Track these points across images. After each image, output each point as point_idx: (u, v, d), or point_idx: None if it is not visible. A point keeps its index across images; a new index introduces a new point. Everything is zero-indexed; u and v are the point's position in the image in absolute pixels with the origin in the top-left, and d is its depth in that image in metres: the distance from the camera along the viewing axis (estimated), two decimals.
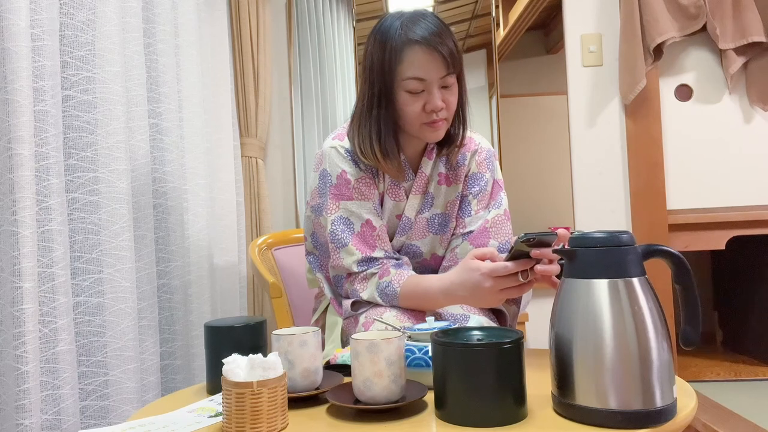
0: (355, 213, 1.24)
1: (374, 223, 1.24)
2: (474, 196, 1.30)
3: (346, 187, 1.25)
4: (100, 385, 1.17)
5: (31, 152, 0.99)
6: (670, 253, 0.80)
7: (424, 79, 1.16)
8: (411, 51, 1.16)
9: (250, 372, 0.79)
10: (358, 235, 1.24)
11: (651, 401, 0.72)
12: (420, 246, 1.31)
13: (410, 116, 1.20)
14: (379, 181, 1.28)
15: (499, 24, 2.57)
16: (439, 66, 1.16)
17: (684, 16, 2.32)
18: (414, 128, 1.22)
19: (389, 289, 1.19)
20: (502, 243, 1.27)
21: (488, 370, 0.75)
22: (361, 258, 1.22)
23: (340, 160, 1.25)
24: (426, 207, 1.30)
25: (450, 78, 1.18)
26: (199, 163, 1.63)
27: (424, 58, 1.16)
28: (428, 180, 1.30)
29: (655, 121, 2.40)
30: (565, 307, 0.78)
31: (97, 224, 1.19)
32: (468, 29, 2.63)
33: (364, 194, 1.25)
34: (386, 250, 1.25)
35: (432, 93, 1.17)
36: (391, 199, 1.28)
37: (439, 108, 1.18)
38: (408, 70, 1.17)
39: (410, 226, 1.30)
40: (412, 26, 1.17)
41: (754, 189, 2.39)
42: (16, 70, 0.97)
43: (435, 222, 1.30)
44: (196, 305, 1.56)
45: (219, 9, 1.98)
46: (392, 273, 1.21)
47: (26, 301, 0.96)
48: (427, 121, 1.19)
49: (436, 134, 1.22)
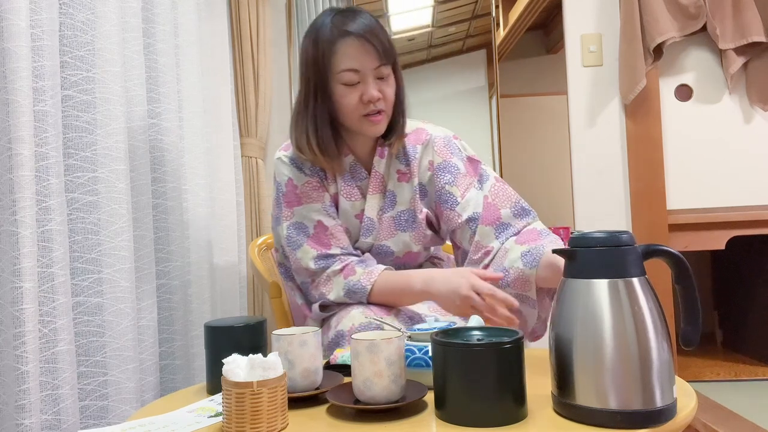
0: (307, 216, 1.27)
1: (326, 222, 1.27)
2: (451, 185, 1.29)
3: (294, 193, 1.28)
4: (100, 385, 1.17)
5: (31, 152, 0.99)
6: (670, 253, 0.80)
7: (358, 70, 1.18)
8: (343, 43, 1.19)
9: (250, 372, 0.79)
10: (312, 236, 1.27)
11: (651, 401, 0.72)
12: (390, 245, 1.31)
13: (348, 108, 1.21)
14: (329, 183, 1.30)
15: (499, 24, 2.57)
16: (372, 57, 1.18)
17: (684, 16, 2.32)
18: (353, 122, 1.23)
19: (357, 286, 1.21)
20: (512, 206, 1.26)
21: (488, 370, 0.75)
22: (316, 255, 1.25)
23: (285, 168, 1.29)
24: (389, 206, 1.31)
25: (384, 69, 1.21)
26: (199, 163, 1.63)
27: (357, 50, 1.18)
28: (385, 179, 1.31)
29: (655, 121, 2.40)
30: (565, 307, 0.78)
31: (96, 224, 1.19)
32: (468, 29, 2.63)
33: (311, 197, 1.28)
34: (342, 247, 1.27)
35: (367, 83, 1.19)
36: (346, 200, 1.30)
37: (375, 98, 1.20)
38: (342, 62, 1.19)
39: (374, 226, 1.30)
40: (344, 20, 1.19)
41: (754, 189, 2.38)
42: (16, 70, 0.97)
43: (402, 219, 1.31)
44: (195, 305, 1.56)
45: (219, 9, 1.98)
46: (359, 272, 1.23)
47: (26, 301, 0.96)
48: (365, 113, 1.21)
49: (375, 128, 1.23)
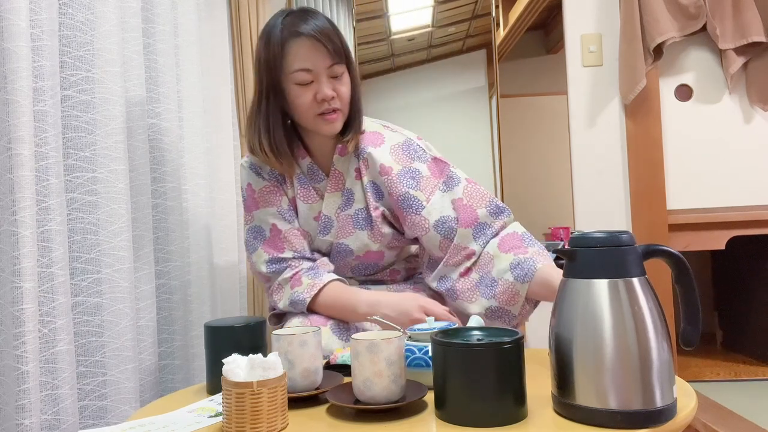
0: (264, 220, 1.29)
1: (279, 226, 1.28)
2: (414, 189, 1.26)
3: (252, 198, 1.30)
4: (99, 385, 1.17)
5: (31, 152, 0.99)
6: (670, 253, 0.80)
7: (310, 70, 1.18)
8: (294, 44, 1.19)
9: (250, 372, 0.79)
10: (267, 240, 1.28)
11: (651, 401, 0.72)
12: (349, 244, 1.30)
13: (302, 108, 1.21)
14: (288, 187, 1.31)
15: (499, 24, 2.57)
16: (323, 55, 1.18)
17: (684, 16, 2.32)
18: (309, 121, 1.23)
19: (299, 298, 1.23)
20: (488, 206, 1.25)
21: (488, 370, 0.75)
22: (268, 258, 1.27)
23: (245, 174, 1.32)
24: (347, 204, 1.30)
25: (338, 67, 1.20)
26: (199, 163, 1.63)
27: (308, 50, 1.18)
28: (344, 177, 1.31)
29: (655, 121, 2.40)
30: (565, 307, 0.78)
31: (95, 224, 1.19)
32: (468, 29, 2.63)
33: (268, 201, 1.29)
34: (295, 251, 1.28)
35: (321, 82, 1.19)
36: (303, 203, 1.30)
37: (329, 96, 1.19)
38: (294, 62, 1.19)
39: (331, 224, 1.30)
40: (294, 21, 1.19)
41: (754, 189, 2.38)
42: (16, 70, 0.97)
43: (359, 218, 1.30)
44: (195, 305, 1.56)
45: (219, 9, 1.98)
46: (304, 283, 1.24)
47: (26, 301, 0.96)
48: (320, 112, 1.21)
49: (331, 126, 1.23)
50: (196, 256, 1.59)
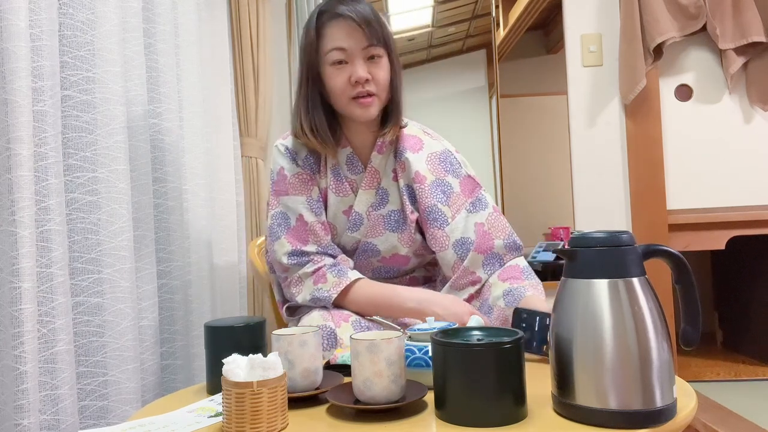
0: (291, 208, 1.26)
1: (306, 218, 1.25)
2: (443, 204, 1.25)
3: (283, 182, 1.27)
4: (99, 385, 1.17)
5: (30, 152, 0.99)
6: (670, 253, 0.80)
7: (345, 49, 1.17)
8: (329, 25, 1.19)
9: (250, 372, 0.78)
10: (292, 229, 1.25)
11: (651, 401, 0.72)
12: (377, 244, 1.29)
13: (336, 90, 1.20)
14: (321, 177, 1.28)
15: (499, 24, 2.57)
16: (359, 36, 1.17)
17: (684, 16, 2.32)
18: (343, 105, 1.21)
19: (322, 294, 1.20)
20: (506, 238, 1.25)
21: (488, 370, 0.75)
22: (290, 250, 1.23)
23: (279, 157, 1.28)
24: (380, 203, 1.28)
25: (375, 50, 1.19)
26: (199, 163, 1.63)
27: (344, 29, 1.17)
28: (380, 175, 1.29)
29: (655, 121, 2.40)
30: (565, 307, 0.78)
31: (96, 224, 1.19)
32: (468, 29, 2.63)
33: (298, 189, 1.26)
34: (320, 245, 1.25)
35: (355, 64, 1.18)
36: (335, 195, 1.28)
37: (363, 78, 1.17)
38: (329, 43, 1.18)
39: (361, 222, 1.28)
40: (332, 3, 1.19)
41: (754, 189, 2.39)
42: (15, 70, 0.97)
43: (392, 219, 1.28)
44: (196, 305, 1.56)
45: (219, 9, 1.98)
46: (330, 281, 1.21)
47: (25, 301, 0.96)
48: (354, 95, 1.19)
49: (366, 111, 1.20)
50: (197, 256, 1.59)
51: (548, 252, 2.46)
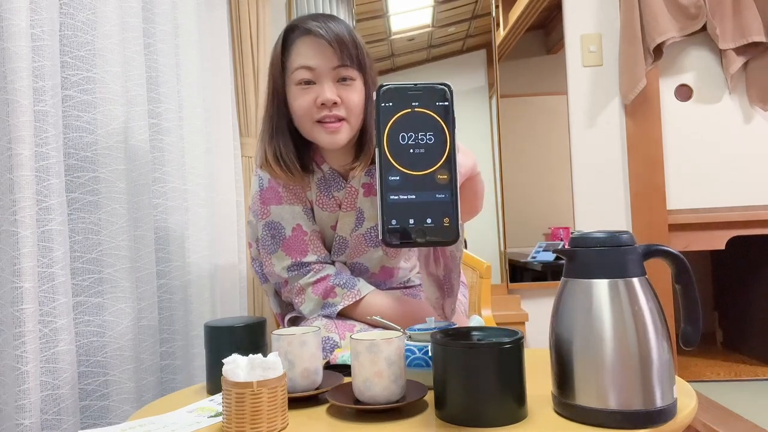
0: (285, 218, 1.19)
1: (305, 227, 1.19)
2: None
3: (275, 190, 1.20)
4: (100, 385, 1.17)
5: (31, 152, 0.99)
6: (670, 253, 0.80)
7: (312, 68, 1.09)
8: (298, 42, 1.11)
9: (250, 372, 0.79)
10: (288, 240, 1.18)
11: (651, 401, 0.72)
12: (363, 262, 1.25)
13: (299, 112, 1.11)
14: (308, 189, 1.22)
15: (499, 24, 2.57)
16: (329, 54, 1.09)
17: (684, 16, 2.32)
18: (307, 129, 1.13)
19: (334, 309, 1.15)
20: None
21: (488, 370, 0.75)
22: (290, 264, 1.18)
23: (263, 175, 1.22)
24: (359, 223, 1.23)
25: (347, 71, 1.10)
26: (199, 163, 1.63)
27: (312, 47, 1.09)
28: (357, 194, 1.21)
29: (655, 121, 2.40)
30: (565, 307, 0.78)
31: (96, 224, 1.19)
32: (468, 29, 2.63)
33: (295, 198, 1.20)
34: (319, 255, 1.20)
35: (323, 84, 1.09)
36: (321, 209, 1.22)
37: (330, 101, 1.08)
38: (295, 60, 1.11)
39: (346, 245, 1.23)
40: (308, 21, 1.12)
41: (754, 189, 2.39)
42: (16, 70, 0.97)
43: (371, 236, 1.22)
44: (196, 305, 1.56)
45: (219, 9, 1.98)
46: (339, 294, 1.16)
47: (26, 301, 0.96)
48: (318, 118, 1.10)
49: (332, 137, 1.11)
50: (197, 256, 1.59)
51: (548, 252, 2.46)
